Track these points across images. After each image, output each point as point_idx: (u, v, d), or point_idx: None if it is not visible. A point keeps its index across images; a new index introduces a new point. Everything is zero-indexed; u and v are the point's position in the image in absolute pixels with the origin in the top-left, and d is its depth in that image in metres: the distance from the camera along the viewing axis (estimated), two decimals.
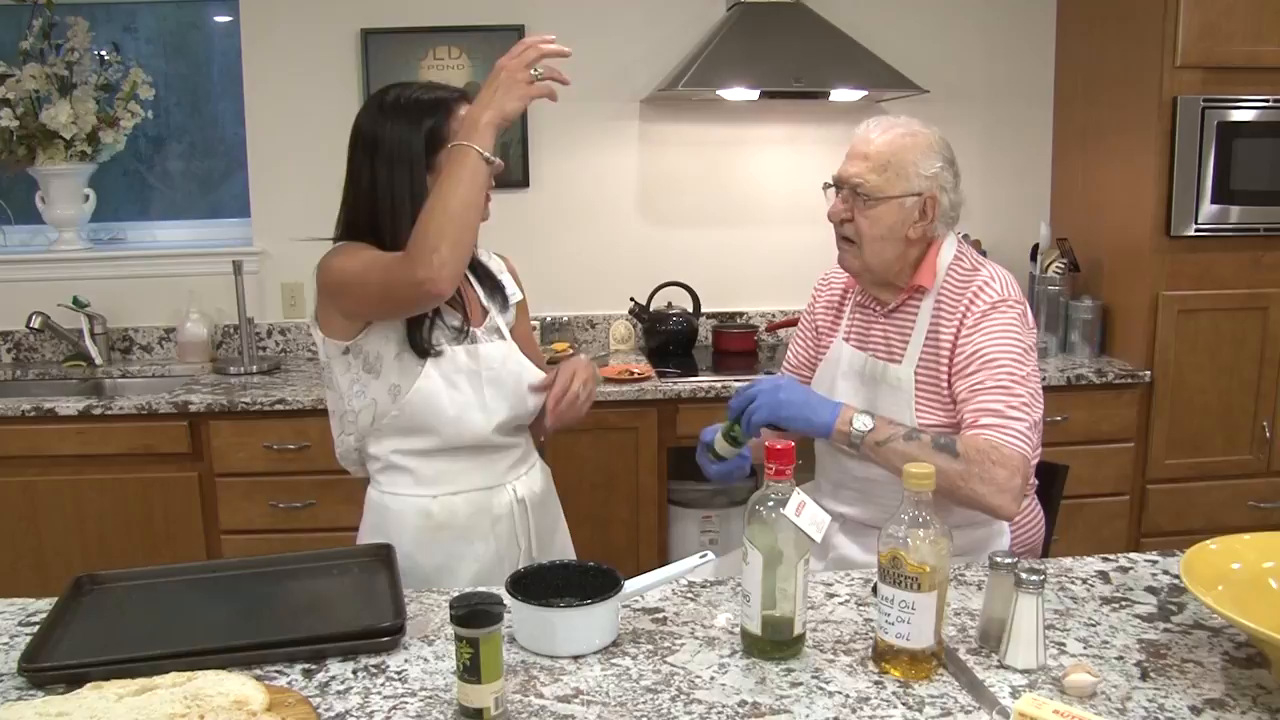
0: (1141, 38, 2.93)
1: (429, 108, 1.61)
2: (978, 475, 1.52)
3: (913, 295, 1.77)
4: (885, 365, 1.78)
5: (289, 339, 3.38)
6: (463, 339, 1.67)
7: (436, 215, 1.48)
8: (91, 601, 1.40)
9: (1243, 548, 1.30)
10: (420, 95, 1.63)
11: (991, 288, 1.70)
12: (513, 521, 1.73)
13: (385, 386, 1.64)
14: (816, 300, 1.99)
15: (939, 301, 1.74)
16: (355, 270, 1.58)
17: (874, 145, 1.72)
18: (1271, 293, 2.95)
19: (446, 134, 1.59)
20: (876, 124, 1.76)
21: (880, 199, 1.71)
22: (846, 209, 1.75)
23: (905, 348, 1.76)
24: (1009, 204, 3.47)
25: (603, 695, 1.16)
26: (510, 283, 1.83)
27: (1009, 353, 1.64)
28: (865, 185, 1.71)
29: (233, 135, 3.45)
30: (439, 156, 1.58)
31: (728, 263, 3.47)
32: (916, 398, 1.73)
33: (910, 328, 1.77)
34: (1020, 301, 1.71)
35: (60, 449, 2.73)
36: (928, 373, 1.73)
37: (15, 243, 3.44)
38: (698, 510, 3.07)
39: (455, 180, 1.49)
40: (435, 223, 1.48)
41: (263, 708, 1.09)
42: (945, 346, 1.71)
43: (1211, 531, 1.34)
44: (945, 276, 1.75)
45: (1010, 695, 1.15)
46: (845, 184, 1.75)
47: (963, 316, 1.70)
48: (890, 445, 1.56)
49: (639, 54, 3.33)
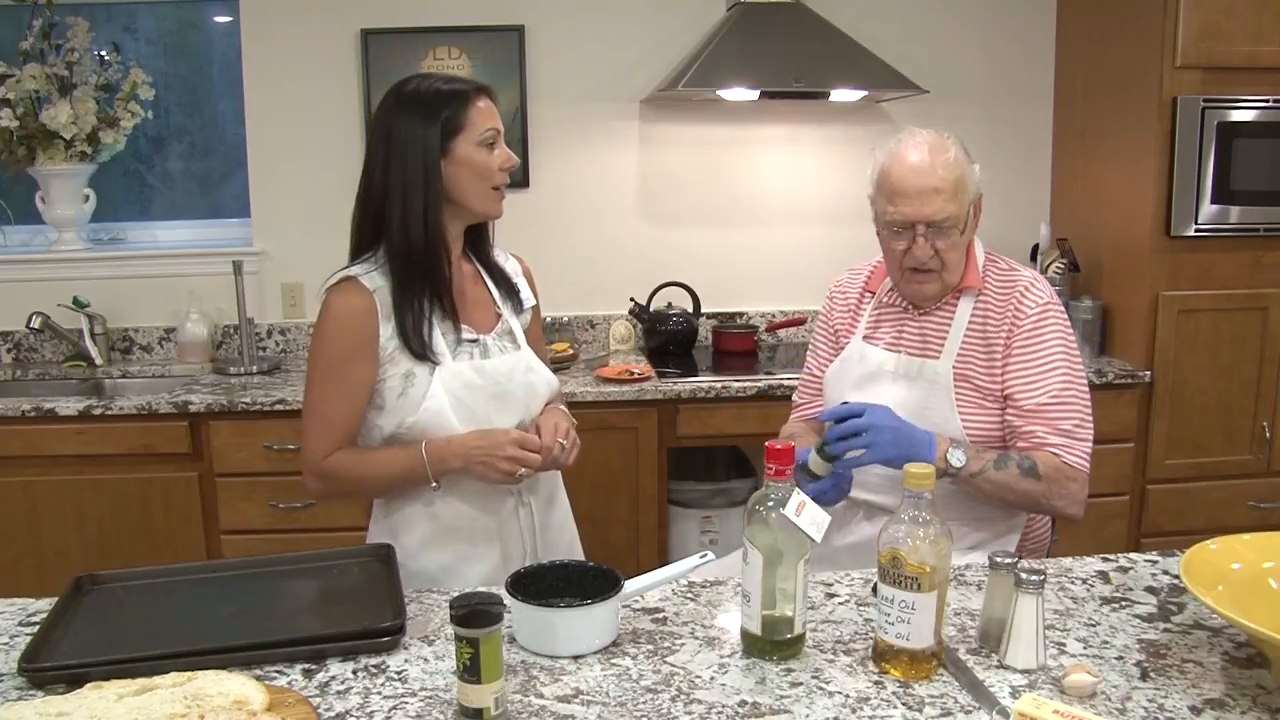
0: (1141, 38, 2.93)
1: (447, 98, 1.62)
2: (1057, 493, 1.67)
3: (954, 295, 1.79)
4: (922, 361, 1.79)
5: (289, 339, 3.38)
6: (472, 351, 1.67)
7: (358, 480, 1.66)
8: (91, 601, 1.40)
9: (1243, 548, 1.30)
10: (440, 86, 1.64)
11: (1037, 289, 1.75)
12: (519, 523, 1.73)
13: (394, 421, 1.64)
14: (833, 308, 1.99)
15: (983, 300, 1.77)
16: (314, 376, 1.66)
17: (940, 175, 1.66)
18: (1271, 293, 2.95)
19: (463, 122, 1.61)
20: (917, 150, 1.68)
21: (965, 226, 1.71)
22: (930, 246, 1.69)
23: (943, 344, 1.78)
24: (1009, 204, 3.46)
25: (603, 695, 1.16)
26: (525, 286, 1.82)
27: (1073, 365, 1.72)
28: (951, 218, 1.68)
29: (233, 135, 3.45)
30: (454, 142, 1.61)
31: (728, 263, 3.47)
32: (956, 391, 1.74)
33: (948, 325, 1.78)
34: (1060, 304, 1.77)
35: (60, 449, 2.73)
36: (969, 368, 1.75)
37: (15, 243, 3.44)
38: (698, 510, 3.07)
39: (393, 472, 1.64)
40: (352, 483, 1.67)
41: (263, 708, 1.09)
42: (997, 346, 1.73)
43: (1211, 531, 1.35)
44: (984, 275, 1.79)
45: (1010, 695, 1.15)
46: (923, 223, 1.68)
47: (1014, 320, 1.73)
48: (984, 475, 1.64)
49: (639, 54, 3.33)
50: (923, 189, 1.66)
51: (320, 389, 1.64)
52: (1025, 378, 1.71)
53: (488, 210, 1.68)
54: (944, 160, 1.68)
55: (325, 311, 1.63)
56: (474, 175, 1.62)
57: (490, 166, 1.63)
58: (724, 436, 2.94)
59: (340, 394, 1.63)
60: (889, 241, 1.75)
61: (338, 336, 1.61)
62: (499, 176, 1.65)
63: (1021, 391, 1.71)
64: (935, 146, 1.69)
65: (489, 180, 1.64)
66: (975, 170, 1.73)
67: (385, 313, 1.61)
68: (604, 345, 3.41)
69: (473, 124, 1.61)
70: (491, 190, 1.65)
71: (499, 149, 1.65)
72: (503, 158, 1.65)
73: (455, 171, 1.62)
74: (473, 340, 1.67)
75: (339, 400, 1.63)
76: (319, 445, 1.64)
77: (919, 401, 1.76)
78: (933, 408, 1.75)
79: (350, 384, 1.62)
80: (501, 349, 1.70)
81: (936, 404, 1.75)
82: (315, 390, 1.65)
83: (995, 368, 1.74)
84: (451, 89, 1.63)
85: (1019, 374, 1.72)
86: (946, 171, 1.67)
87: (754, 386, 2.86)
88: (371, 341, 1.61)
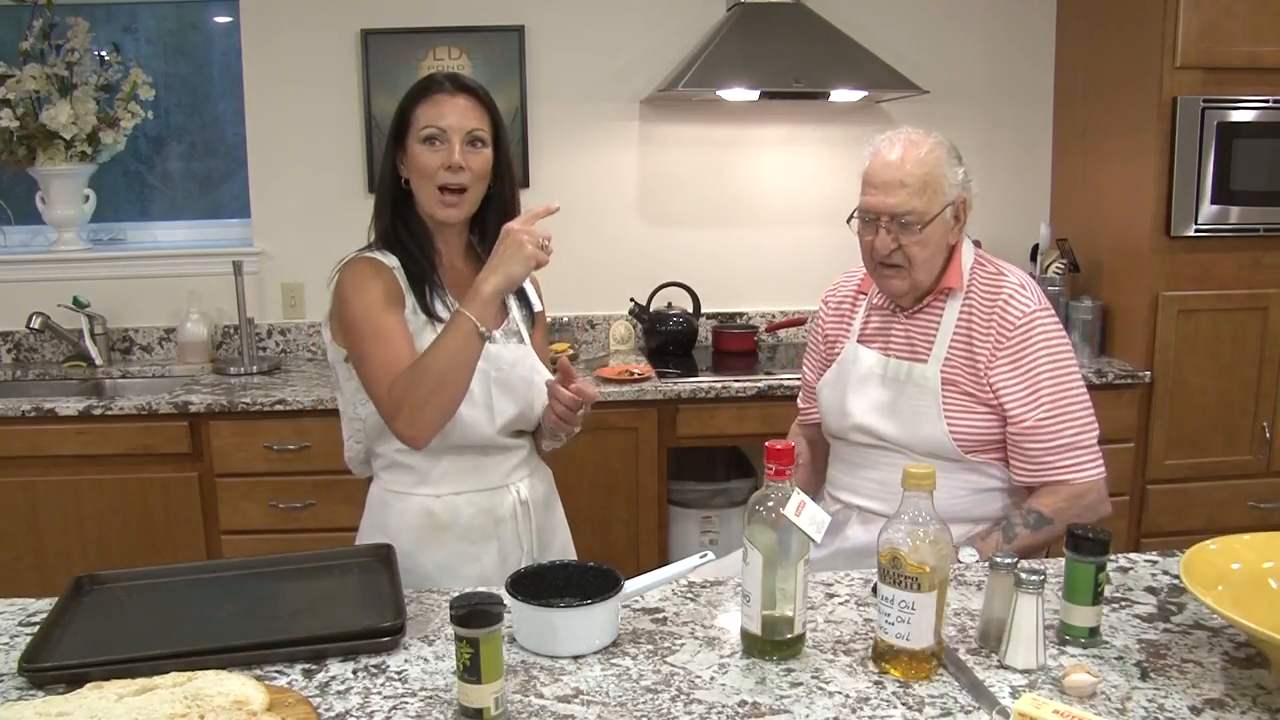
0: (1141, 38, 2.93)
1: (411, 92, 1.63)
2: (1075, 515, 1.67)
3: (937, 296, 1.78)
4: (910, 365, 1.79)
5: (289, 339, 3.38)
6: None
7: (425, 378, 1.51)
8: (91, 601, 1.39)
9: (1243, 548, 1.30)
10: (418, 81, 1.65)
11: (1023, 295, 1.73)
12: (516, 523, 1.73)
13: None
14: (825, 314, 2.00)
15: (968, 303, 1.76)
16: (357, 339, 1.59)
17: (907, 170, 1.69)
18: (1271, 293, 2.95)
19: (411, 117, 1.62)
20: (892, 145, 1.72)
21: (929, 221, 1.70)
22: (893, 239, 1.71)
23: (931, 347, 1.78)
24: (1009, 204, 3.47)
25: (603, 695, 1.16)
26: (533, 291, 1.81)
27: (1063, 371, 1.71)
28: (914, 213, 1.69)
29: (233, 135, 3.45)
30: (406, 138, 1.62)
31: (728, 263, 3.47)
32: (943, 396, 1.74)
33: (935, 327, 1.78)
34: (1050, 308, 1.75)
35: (60, 449, 2.74)
36: (955, 373, 1.75)
37: (15, 243, 3.44)
38: (698, 510, 3.07)
39: (445, 348, 1.52)
40: (424, 386, 1.51)
41: (263, 708, 1.09)
42: (982, 354, 1.73)
43: (1211, 532, 1.34)
44: (970, 278, 1.77)
45: (1010, 695, 1.15)
46: (886, 215, 1.71)
47: (1000, 329, 1.72)
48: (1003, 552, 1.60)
49: (639, 54, 3.33)
50: (889, 181, 1.70)
51: (373, 343, 1.57)
52: (1017, 394, 1.70)
53: (432, 212, 1.64)
54: (916, 156, 1.69)
55: (350, 277, 1.61)
56: (416, 173, 1.62)
57: (427, 165, 1.59)
58: (724, 436, 2.94)
59: (394, 338, 1.57)
60: (861, 233, 1.78)
61: (371, 291, 1.59)
62: (441, 176, 1.60)
63: (1016, 408, 1.71)
64: (912, 142, 1.71)
65: (430, 179, 1.61)
66: (958, 173, 1.73)
67: (405, 285, 1.63)
68: (604, 345, 3.41)
69: (417, 119, 1.61)
70: (436, 190, 1.61)
71: (443, 149, 1.59)
72: (443, 157, 1.59)
73: (407, 167, 1.64)
74: None
75: (396, 344, 1.56)
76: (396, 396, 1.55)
77: (907, 407, 1.76)
78: (921, 413, 1.75)
79: (399, 328, 1.59)
80: (506, 343, 1.70)
81: (924, 409, 1.75)
82: (369, 348, 1.57)
83: (980, 376, 1.73)
84: (414, 89, 1.64)
85: (1009, 390, 1.71)
86: (916, 167, 1.69)
87: (754, 387, 2.86)
88: (401, 300, 1.61)
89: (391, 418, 1.55)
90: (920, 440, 1.76)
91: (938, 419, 1.74)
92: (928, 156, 1.70)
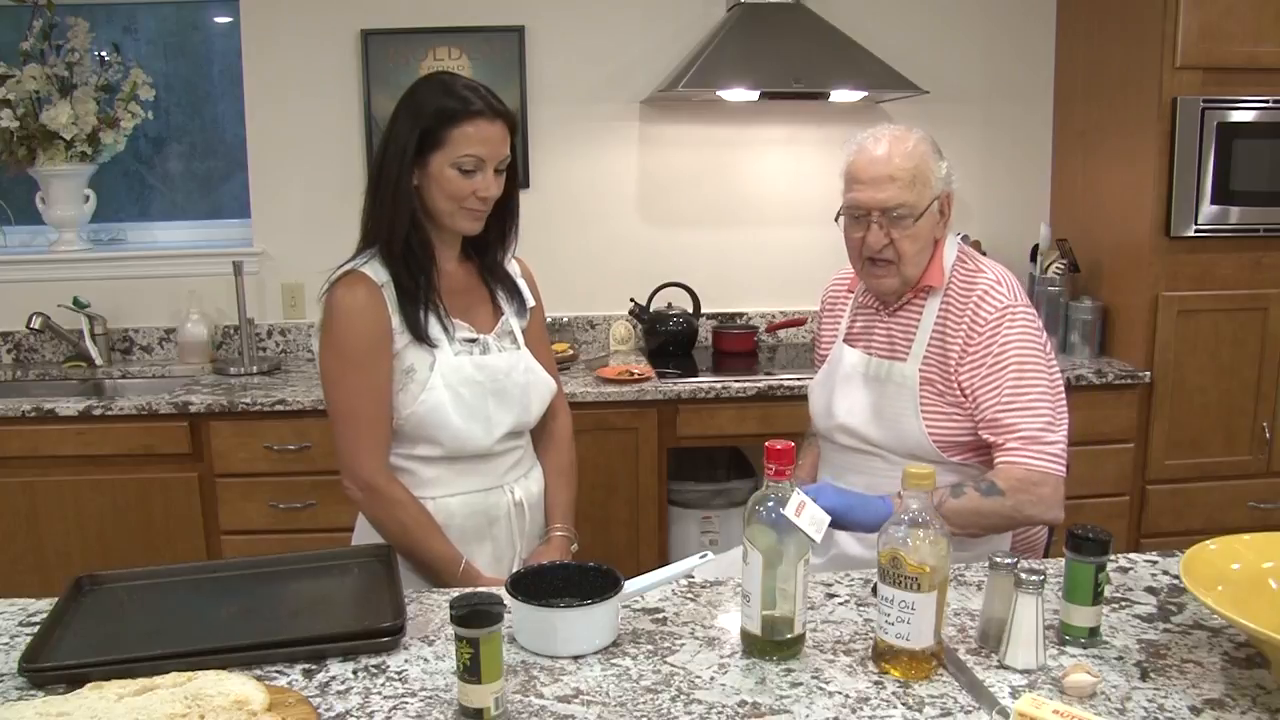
0: (1141, 38, 2.93)
1: (438, 111, 1.57)
2: (1027, 502, 1.61)
3: (918, 294, 1.77)
4: (890, 364, 1.78)
5: (289, 339, 3.38)
6: (472, 349, 1.67)
7: (384, 531, 1.63)
8: (91, 601, 1.39)
9: (1242, 548, 1.30)
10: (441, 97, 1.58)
11: (997, 292, 1.71)
12: (510, 523, 1.73)
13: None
14: (822, 315, 2.01)
15: (945, 301, 1.75)
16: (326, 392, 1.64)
17: (896, 164, 1.68)
18: (1271, 293, 2.95)
19: (442, 139, 1.57)
20: (878, 142, 1.71)
21: (920, 214, 1.70)
22: (885, 234, 1.70)
23: (910, 346, 1.77)
24: (1009, 204, 3.47)
25: (603, 695, 1.16)
26: (525, 288, 1.81)
27: (1029, 366, 1.66)
28: (906, 205, 1.69)
29: (233, 135, 3.45)
30: (430, 156, 1.57)
31: (728, 263, 3.47)
32: (921, 395, 1.73)
33: (915, 325, 1.77)
34: (1027, 305, 1.72)
35: (60, 449, 2.74)
36: (932, 372, 1.74)
37: (15, 243, 3.44)
38: (698, 510, 3.07)
39: (432, 554, 1.62)
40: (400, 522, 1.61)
41: (263, 708, 1.09)
42: (953, 352, 1.71)
43: (1211, 532, 1.34)
44: (950, 275, 1.76)
45: (1010, 695, 1.15)
46: (878, 210, 1.70)
47: (970, 325, 1.70)
48: (944, 506, 1.57)
49: (639, 54, 3.33)
50: (878, 176, 1.69)
51: (344, 389, 1.59)
52: (984, 384, 1.68)
53: (456, 226, 1.64)
54: (902, 150, 1.69)
55: (335, 307, 1.59)
56: (442, 193, 1.60)
57: (460, 191, 1.59)
58: (724, 437, 2.94)
59: (367, 390, 1.58)
60: (849, 230, 1.77)
61: (353, 331, 1.58)
62: (472, 201, 1.60)
63: (982, 399, 1.68)
64: (896, 138, 1.71)
65: (459, 202, 1.60)
66: (942, 167, 1.73)
67: (394, 305, 1.61)
68: (604, 345, 3.41)
69: (452, 145, 1.57)
70: (461, 209, 1.61)
71: (479, 177, 1.59)
72: (479, 186, 1.59)
73: (426, 183, 1.60)
74: (472, 340, 1.67)
75: (367, 396, 1.58)
76: (359, 450, 1.59)
77: (888, 407, 1.76)
78: (900, 413, 1.74)
79: (375, 378, 1.58)
80: (501, 348, 1.70)
81: (902, 408, 1.74)
82: (339, 391, 1.59)
83: (950, 374, 1.71)
84: (445, 104, 1.57)
85: (976, 381, 1.68)
86: (903, 160, 1.69)
87: (754, 387, 2.86)
88: (387, 334, 1.59)
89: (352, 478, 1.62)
90: (900, 441, 1.75)
91: (914, 419, 1.73)
92: (914, 150, 1.70)
